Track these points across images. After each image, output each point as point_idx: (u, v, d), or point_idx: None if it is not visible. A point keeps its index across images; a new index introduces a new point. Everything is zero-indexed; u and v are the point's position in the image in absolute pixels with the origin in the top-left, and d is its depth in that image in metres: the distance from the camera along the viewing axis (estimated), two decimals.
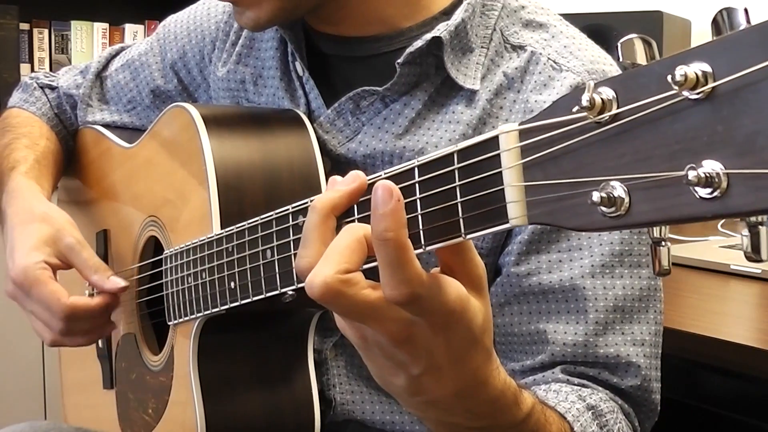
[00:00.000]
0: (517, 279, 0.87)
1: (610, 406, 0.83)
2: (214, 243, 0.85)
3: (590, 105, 0.44)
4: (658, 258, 0.47)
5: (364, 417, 0.97)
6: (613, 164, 0.44)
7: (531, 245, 0.87)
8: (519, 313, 0.88)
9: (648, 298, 0.87)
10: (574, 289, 0.85)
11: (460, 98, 0.91)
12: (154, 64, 1.20)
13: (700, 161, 0.40)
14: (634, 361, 0.85)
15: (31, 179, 1.15)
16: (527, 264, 0.87)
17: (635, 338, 0.86)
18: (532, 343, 0.87)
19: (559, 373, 0.85)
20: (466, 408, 0.62)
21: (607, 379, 0.86)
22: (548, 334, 0.86)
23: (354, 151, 0.95)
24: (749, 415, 1.30)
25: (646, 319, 0.87)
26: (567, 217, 0.47)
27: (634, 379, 0.86)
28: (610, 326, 0.85)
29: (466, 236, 0.53)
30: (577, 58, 0.90)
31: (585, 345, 0.85)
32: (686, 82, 0.40)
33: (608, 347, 0.85)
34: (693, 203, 0.41)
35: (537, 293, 0.87)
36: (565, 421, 0.76)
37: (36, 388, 2.39)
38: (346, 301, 0.54)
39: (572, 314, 0.85)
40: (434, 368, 0.58)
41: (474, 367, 0.59)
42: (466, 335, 0.57)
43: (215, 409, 0.91)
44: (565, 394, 0.81)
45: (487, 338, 0.59)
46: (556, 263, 0.86)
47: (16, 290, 1.04)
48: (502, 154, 0.50)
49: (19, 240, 1.06)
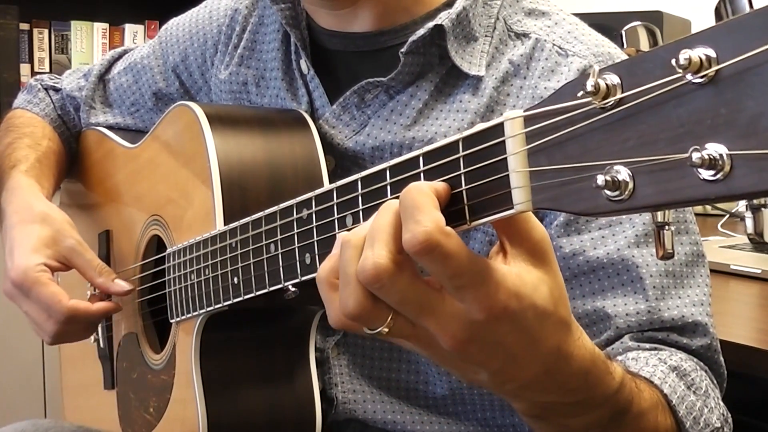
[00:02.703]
0: (564, 262, 0.86)
1: (692, 365, 0.81)
2: (218, 239, 0.85)
3: (595, 90, 0.45)
4: (662, 242, 0.47)
5: (366, 416, 0.97)
6: (618, 148, 0.45)
7: (569, 227, 0.86)
8: (572, 297, 0.86)
9: (694, 263, 0.87)
10: (623, 260, 0.84)
11: (466, 87, 0.92)
12: (156, 68, 1.21)
13: (704, 144, 0.41)
14: (700, 320, 0.84)
15: (31, 177, 1.16)
16: (571, 245, 0.86)
17: (693, 300, 0.85)
18: (594, 323, 0.86)
19: (629, 341, 0.83)
20: (559, 385, 0.59)
21: (677, 341, 0.84)
22: (608, 309, 0.84)
23: (362, 144, 0.95)
24: (749, 415, 1.30)
25: (696, 283, 0.86)
26: (572, 202, 0.47)
27: (703, 339, 0.84)
28: (667, 291, 0.84)
29: (471, 223, 0.53)
30: (582, 43, 0.91)
31: (649, 311, 0.83)
32: (690, 66, 0.41)
33: (671, 310, 0.84)
34: (697, 185, 0.41)
35: (587, 272, 0.86)
36: (653, 386, 0.74)
37: (36, 387, 2.38)
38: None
39: (627, 285, 0.84)
40: (511, 358, 0.55)
41: (555, 343, 0.56)
42: (534, 313, 0.54)
43: (217, 406, 0.91)
44: (645, 360, 0.79)
45: (562, 308, 0.56)
46: (599, 239, 0.86)
47: (15, 290, 1.04)
48: (507, 140, 0.50)
49: (18, 240, 1.06)
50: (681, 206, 0.43)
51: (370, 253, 0.52)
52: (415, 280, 0.53)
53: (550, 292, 0.55)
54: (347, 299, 0.54)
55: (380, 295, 0.53)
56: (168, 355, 1.01)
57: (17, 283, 1.03)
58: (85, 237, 1.25)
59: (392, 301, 0.53)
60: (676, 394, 0.76)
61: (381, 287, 0.52)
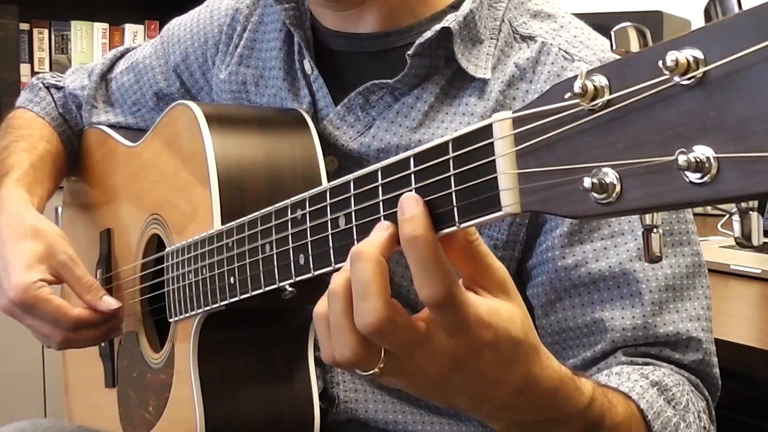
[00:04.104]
0: (566, 272, 0.87)
1: (675, 380, 0.82)
2: (215, 238, 0.85)
3: (583, 92, 0.45)
4: (649, 245, 0.47)
5: (367, 416, 0.97)
6: (606, 151, 0.44)
7: (573, 236, 0.86)
8: (572, 306, 0.87)
9: (694, 274, 0.87)
10: (624, 274, 0.85)
11: (472, 90, 0.92)
12: (157, 67, 1.21)
13: (692, 146, 0.40)
14: (695, 335, 0.85)
15: (21, 187, 1.15)
16: (573, 256, 0.86)
17: (690, 314, 0.85)
18: (590, 334, 0.86)
19: (621, 356, 0.84)
20: (531, 404, 0.62)
21: (669, 356, 0.85)
22: (605, 321, 0.85)
23: (367, 145, 0.95)
24: (749, 415, 1.30)
25: (696, 295, 0.86)
26: (560, 204, 0.47)
27: (696, 354, 0.85)
28: (666, 305, 0.85)
29: (461, 225, 0.53)
30: (588, 48, 0.90)
31: (645, 327, 0.84)
32: (677, 68, 0.40)
33: (667, 326, 0.84)
34: (684, 188, 0.41)
35: (588, 283, 0.86)
36: (631, 400, 0.75)
37: (36, 387, 2.39)
38: (398, 329, 0.55)
39: (626, 299, 0.84)
40: (488, 383, 0.59)
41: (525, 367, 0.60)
42: (509, 342, 0.57)
43: (215, 406, 0.91)
44: (627, 374, 0.80)
45: (531, 335, 0.60)
46: (601, 251, 0.86)
47: (14, 308, 1.04)
48: (495, 142, 0.50)
49: (12, 257, 1.06)
50: (669, 209, 0.43)
51: (365, 305, 0.55)
52: (410, 323, 0.56)
53: (522, 322, 0.58)
54: (343, 348, 0.57)
55: (380, 342, 0.56)
56: (167, 354, 1.01)
57: (18, 302, 1.03)
58: (87, 235, 1.26)
59: (390, 345, 0.56)
60: (653, 409, 0.76)
61: (383, 336, 0.55)
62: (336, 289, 0.57)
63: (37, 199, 1.16)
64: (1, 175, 1.17)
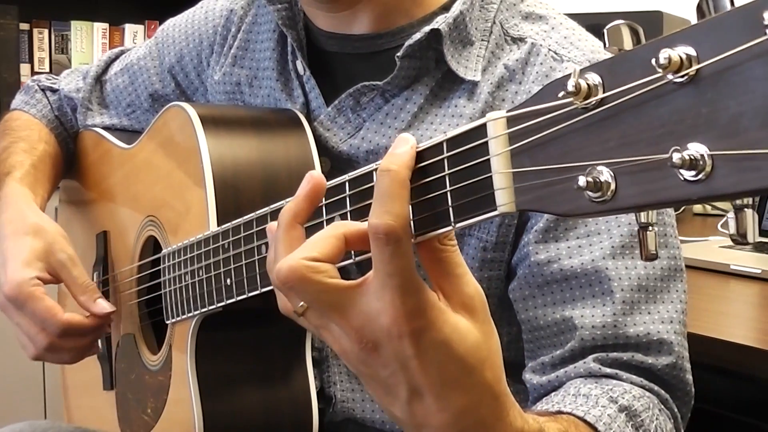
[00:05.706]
0: (539, 268, 0.86)
1: (645, 404, 0.81)
2: (210, 240, 0.85)
3: (576, 90, 0.44)
4: (645, 243, 0.46)
5: (364, 415, 0.97)
6: (600, 149, 0.44)
7: (548, 233, 0.86)
8: (543, 304, 0.87)
9: (669, 278, 0.86)
10: (596, 272, 0.84)
11: (461, 92, 0.92)
12: (152, 68, 1.21)
13: (685, 144, 0.40)
14: (666, 338, 0.84)
15: (25, 186, 1.15)
16: (546, 252, 0.86)
17: (663, 317, 0.84)
18: (560, 333, 0.86)
19: (591, 363, 0.83)
20: None
21: (642, 361, 0.83)
22: (575, 319, 0.84)
23: (357, 147, 0.95)
24: (749, 415, 1.29)
25: (669, 299, 0.86)
26: (555, 203, 0.47)
27: (668, 357, 0.84)
28: (636, 306, 0.84)
29: (456, 225, 0.53)
30: (578, 48, 0.90)
31: (614, 326, 0.83)
32: (670, 65, 0.40)
33: (637, 326, 0.83)
34: (678, 186, 0.41)
35: (560, 280, 0.86)
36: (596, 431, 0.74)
37: (36, 388, 2.39)
38: (310, 286, 0.54)
39: (597, 297, 0.84)
40: (416, 392, 0.56)
41: (468, 405, 0.56)
42: (449, 355, 0.54)
43: (213, 407, 0.91)
44: (595, 399, 0.78)
45: (488, 372, 0.56)
46: (575, 249, 0.85)
47: (8, 303, 1.04)
48: (489, 141, 0.50)
49: (11, 252, 1.06)
50: (664, 207, 0.42)
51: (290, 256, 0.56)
52: (322, 283, 0.55)
53: (477, 348, 0.55)
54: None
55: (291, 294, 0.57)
56: (164, 356, 1.01)
57: (11, 297, 1.03)
58: (84, 238, 1.26)
59: (301, 299, 0.57)
60: None
61: (289, 288, 0.56)
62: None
63: (40, 198, 1.16)
64: (3, 175, 1.17)
